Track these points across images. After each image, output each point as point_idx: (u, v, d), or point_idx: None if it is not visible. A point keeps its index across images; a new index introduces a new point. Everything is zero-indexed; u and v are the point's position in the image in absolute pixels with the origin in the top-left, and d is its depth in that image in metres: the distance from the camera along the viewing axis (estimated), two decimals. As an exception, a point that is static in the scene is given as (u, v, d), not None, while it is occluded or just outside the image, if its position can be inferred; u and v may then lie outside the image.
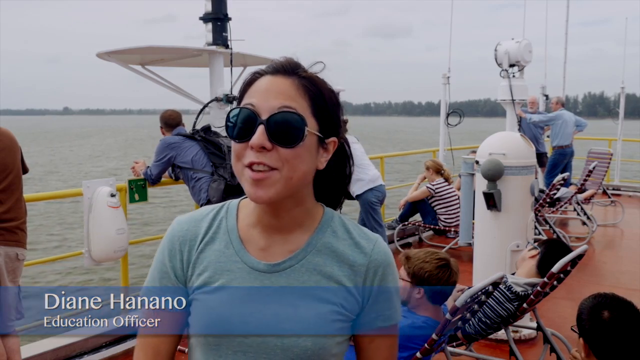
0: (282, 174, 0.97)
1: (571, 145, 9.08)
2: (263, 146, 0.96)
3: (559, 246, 3.12)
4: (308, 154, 1.00)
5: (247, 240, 1.07)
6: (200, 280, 1.05)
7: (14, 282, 3.14)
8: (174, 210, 13.90)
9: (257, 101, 0.98)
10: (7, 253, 3.06)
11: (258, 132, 0.96)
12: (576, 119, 9.29)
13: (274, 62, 1.03)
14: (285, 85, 1.00)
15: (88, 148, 40.64)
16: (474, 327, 3.00)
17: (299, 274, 1.04)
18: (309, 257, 1.05)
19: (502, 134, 4.09)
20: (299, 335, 1.00)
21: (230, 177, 3.94)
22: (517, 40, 4.85)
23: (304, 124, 0.98)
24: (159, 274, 1.08)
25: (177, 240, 1.08)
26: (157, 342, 1.07)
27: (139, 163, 4.36)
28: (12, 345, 3.15)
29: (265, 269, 1.04)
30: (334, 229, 1.08)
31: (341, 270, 1.05)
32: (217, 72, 4.53)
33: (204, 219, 1.10)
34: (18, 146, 3.21)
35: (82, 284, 8.81)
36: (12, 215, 3.09)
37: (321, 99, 1.02)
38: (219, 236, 1.07)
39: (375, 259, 1.06)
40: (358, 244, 1.07)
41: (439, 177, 6.72)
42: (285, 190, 0.99)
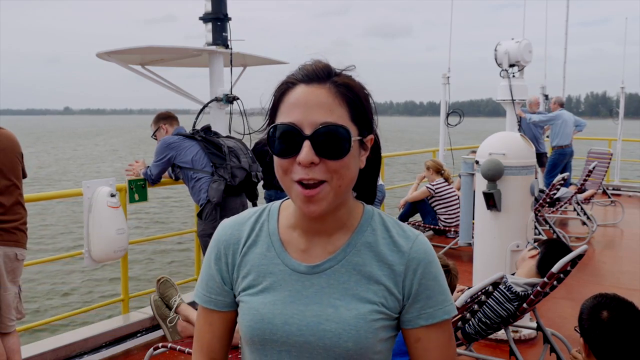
0: (332, 185, 0.98)
1: (570, 145, 9.07)
2: (312, 162, 0.96)
3: (559, 246, 3.12)
4: (353, 160, 1.01)
5: (287, 242, 1.09)
6: (245, 283, 1.09)
7: (14, 282, 3.14)
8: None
9: (298, 117, 0.97)
10: (6, 253, 3.06)
11: (305, 148, 0.96)
12: (575, 119, 9.29)
13: (305, 67, 1.02)
14: (323, 95, 0.98)
15: (94, 148, 40.70)
16: (474, 327, 3.00)
17: (339, 275, 1.05)
18: (349, 258, 1.06)
19: (502, 134, 4.09)
20: (339, 336, 1.01)
21: (230, 178, 3.94)
22: (517, 40, 4.85)
23: (349, 135, 0.98)
24: (206, 277, 1.13)
25: (222, 244, 1.12)
26: (210, 341, 1.14)
27: (139, 163, 4.36)
28: (12, 345, 3.15)
29: (306, 271, 1.06)
30: (373, 227, 1.09)
31: (381, 269, 1.05)
32: (217, 72, 4.53)
33: (247, 222, 1.13)
34: (18, 148, 3.21)
35: (82, 283, 8.81)
36: (10, 216, 3.09)
37: (359, 103, 1.02)
38: (261, 239, 1.10)
39: (414, 258, 1.06)
40: (396, 242, 1.07)
41: (439, 177, 6.72)
42: (336, 200, 1.01)
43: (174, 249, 10.40)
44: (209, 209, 3.93)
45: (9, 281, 3.09)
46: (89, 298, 8.13)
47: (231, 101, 4.52)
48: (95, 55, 4.39)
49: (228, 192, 3.94)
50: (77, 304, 7.65)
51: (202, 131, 4.19)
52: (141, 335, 3.94)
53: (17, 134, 3.27)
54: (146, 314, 4.01)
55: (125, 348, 3.83)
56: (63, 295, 8.33)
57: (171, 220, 13.75)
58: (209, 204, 3.93)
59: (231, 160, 3.99)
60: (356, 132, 1.01)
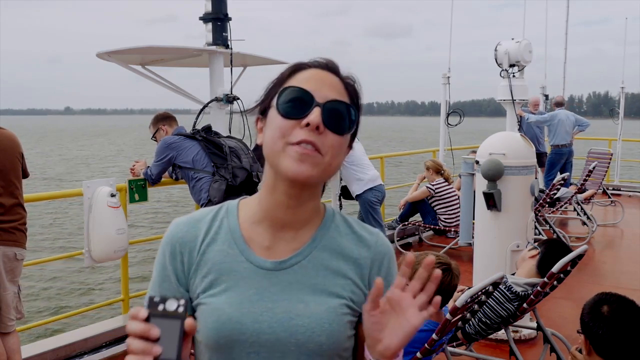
0: (325, 159, 0.98)
1: (569, 145, 9.06)
2: (318, 126, 0.96)
3: (559, 246, 3.13)
4: (344, 148, 1.03)
5: (250, 238, 1.06)
6: (205, 283, 1.03)
7: (13, 282, 3.14)
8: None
9: (313, 86, 1.00)
10: (5, 253, 3.06)
11: (315, 112, 0.97)
12: (577, 118, 9.27)
13: (315, 60, 1.05)
14: (335, 81, 1.03)
15: (101, 147, 40.70)
16: (474, 327, 3.00)
17: (306, 270, 1.04)
18: (315, 253, 1.05)
19: (502, 134, 4.09)
20: (312, 331, 0.99)
21: (231, 178, 3.94)
22: (517, 40, 4.84)
23: (356, 116, 1.02)
24: (159, 279, 1.07)
25: (177, 242, 1.07)
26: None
27: (140, 162, 4.36)
28: (12, 345, 3.16)
29: (272, 267, 1.03)
30: (336, 224, 1.09)
31: (346, 264, 1.06)
32: (217, 72, 4.53)
33: (203, 219, 1.09)
34: (18, 148, 3.21)
35: (82, 284, 8.81)
36: (10, 216, 3.09)
37: (358, 102, 1.06)
38: (221, 236, 1.06)
39: (379, 251, 1.08)
40: (361, 237, 1.09)
41: (438, 177, 6.72)
42: (323, 176, 1.00)
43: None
44: (210, 209, 3.93)
45: (8, 281, 3.09)
46: (89, 298, 8.13)
47: (231, 101, 4.52)
48: (95, 55, 4.39)
49: (229, 192, 3.93)
50: (77, 304, 7.64)
51: (203, 131, 4.18)
52: (141, 335, 3.94)
53: (21, 135, 3.27)
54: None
55: (125, 348, 3.83)
56: (63, 295, 8.33)
57: (171, 221, 13.74)
58: (210, 204, 3.92)
59: (232, 160, 3.99)
60: (354, 126, 1.04)
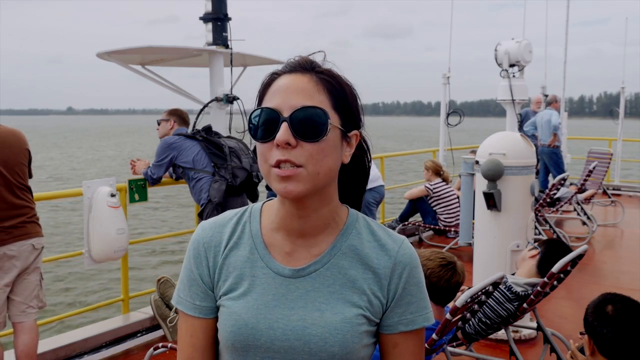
0: (308, 170, 0.96)
1: (544, 145, 9.00)
2: (288, 142, 0.95)
3: (559, 246, 3.12)
4: (333, 148, 0.99)
5: (271, 244, 1.06)
6: (226, 286, 1.05)
7: (35, 270, 3.24)
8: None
9: (278, 101, 0.98)
10: (22, 248, 3.10)
11: (282, 128, 0.95)
12: (551, 119, 8.93)
13: (289, 61, 1.03)
14: (304, 82, 0.99)
15: (108, 148, 40.70)
16: (474, 327, 3.00)
17: (324, 278, 1.03)
18: (334, 261, 1.04)
19: (502, 134, 4.09)
20: (325, 340, 0.99)
21: (231, 178, 3.94)
22: (517, 40, 4.85)
23: (326, 117, 0.97)
24: (188, 282, 1.08)
25: (202, 246, 1.08)
26: (191, 355, 1.07)
27: (141, 162, 4.34)
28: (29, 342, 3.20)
29: (291, 274, 1.03)
30: (358, 230, 1.07)
31: (366, 272, 1.04)
32: (217, 72, 4.53)
33: (228, 223, 1.09)
34: (24, 144, 3.19)
35: (82, 284, 8.81)
36: (17, 210, 3.10)
37: (341, 92, 1.02)
38: (243, 241, 1.07)
39: (400, 261, 1.05)
40: (383, 245, 1.06)
41: (437, 178, 6.74)
42: (313, 186, 0.97)
43: (174, 249, 10.39)
44: (210, 209, 3.93)
45: (31, 272, 3.20)
46: (89, 298, 8.13)
47: (231, 101, 4.52)
48: (96, 55, 4.39)
49: (229, 192, 3.94)
50: (77, 304, 7.64)
51: (203, 131, 4.19)
52: (141, 335, 3.94)
53: (39, 135, 3.26)
54: (146, 314, 4.01)
55: (126, 348, 3.83)
56: (63, 295, 8.33)
57: (171, 220, 13.74)
58: (210, 204, 3.93)
59: (232, 160, 3.99)
60: (337, 121, 1.00)
